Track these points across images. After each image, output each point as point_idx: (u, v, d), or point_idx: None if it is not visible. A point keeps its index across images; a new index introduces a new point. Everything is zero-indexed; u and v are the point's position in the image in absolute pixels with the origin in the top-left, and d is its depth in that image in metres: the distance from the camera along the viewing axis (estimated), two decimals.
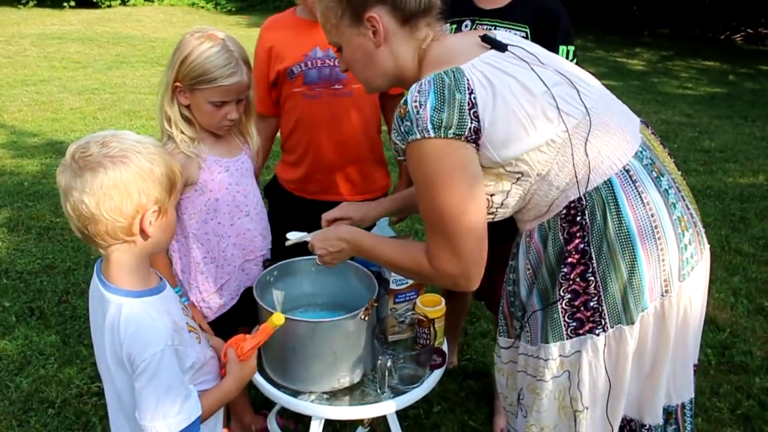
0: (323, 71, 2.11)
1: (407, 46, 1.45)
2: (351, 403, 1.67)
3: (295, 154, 2.25)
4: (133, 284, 1.30)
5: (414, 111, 1.32)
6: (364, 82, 1.58)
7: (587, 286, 1.38)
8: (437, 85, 1.33)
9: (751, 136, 6.68)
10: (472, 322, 3.07)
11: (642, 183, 1.39)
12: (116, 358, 1.29)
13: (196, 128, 1.82)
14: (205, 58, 1.73)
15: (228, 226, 1.89)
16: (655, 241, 1.37)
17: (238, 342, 1.46)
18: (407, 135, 1.34)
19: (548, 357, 1.43)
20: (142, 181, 1.23)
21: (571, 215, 1.38)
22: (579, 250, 1.38)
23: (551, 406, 1.46)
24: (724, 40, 14.04)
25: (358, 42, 1.46)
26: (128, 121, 6.31)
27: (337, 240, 1.62)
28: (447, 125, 1.30)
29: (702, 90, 9.17)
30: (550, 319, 1.41)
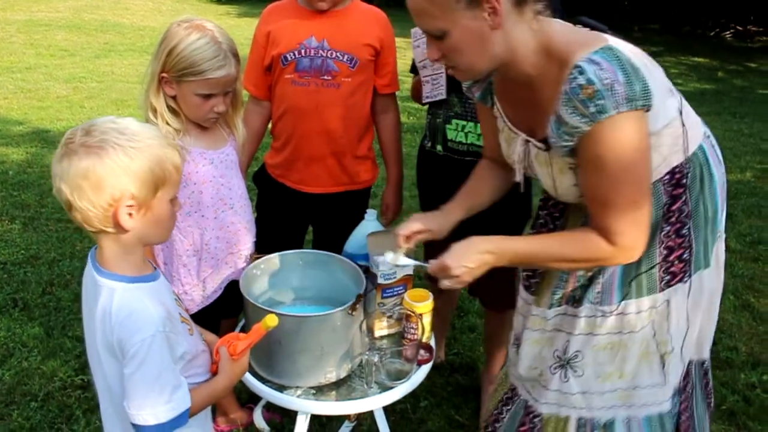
0: (315, 61, 2.11)
1: (519, 26, 1.38)
2: (338, 398, 1.66)
3: (280, 140, 2.27)
4: (126, 270, 1.30)
5: (606, 88, 1.30)
6: (465, 68, 1.45)
7: (682, 241, 1.52)
8: (617, 62, 1.32)
9: (739, 132, 6.71)
10: (460, 316, 3.07)
11: (716, 145, 1.61)
12: (107, 345, 1.28)
13: (181, 120, 1.80)
14: (193, 49, 1.71)
15: (211, 219, 1.87)
16: (724, 194, 1.59)
17: (231, 340, 1.45)
18: (599, 114, 1.31)
19: (640, 310, 1.53)
20: (114, 176, 1.21)
21: (675, 179, 1.50)
22: (679, 209, 1.51)
23: (636, 353, 1.56)
24: (713, 36, 14.09)
25: (471, 26, 1.35)
26: (116, 110, 6.24)
27: (478, 254, 1.47)
28: (638, 97, 1.32)
29: (691, 86, 9.20)
30: (647, 275, 1.52)
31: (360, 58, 2.12)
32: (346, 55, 2.10)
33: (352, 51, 2.11)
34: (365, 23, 2.15)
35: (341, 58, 2.10)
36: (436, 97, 2.13)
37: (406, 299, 1.79)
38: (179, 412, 1.28)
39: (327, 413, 1.70)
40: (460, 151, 2.12)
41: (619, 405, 1.62)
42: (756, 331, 3.13)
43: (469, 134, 2.09)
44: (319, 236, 2.42)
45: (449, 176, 2.18)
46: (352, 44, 2.11)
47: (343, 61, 2.11)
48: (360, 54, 2.12)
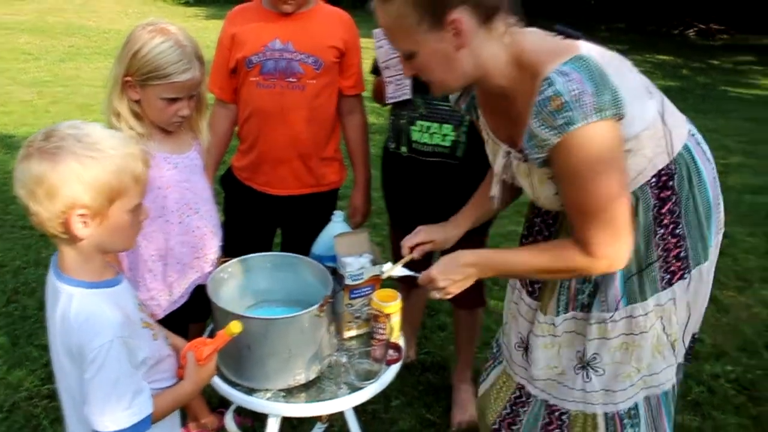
0: (280, 63, 2.11)
1: (488, 43, 1.39)
2: (307, 399, 1.66)
3: (246, 143, 2.26)
4: (85, 276, 1.29)
5: (574, 100, 1.30)
6: (438, 87, 1.49)
7: (678, 241, 1.53)
8: (585, 73, 1.32)
9: (702, 128, 6.67)
10: (430, 315, 3.08)
11: (702, 143, 1.60)
12: (67, 350, 1.28)
13: (145, 124, 1.79)
14: (158, 53, 1.69)
15: (176, 223, 1.86)
16: (717, 189, 1.59)
17: (198, 345, 1.44)
18: (567, 126, 1.31)
19: (647, 311, 1.56)
20: (66, 184, 1.20)
21: (662, 182, 1.50)
22: (670, 211, 1.51)
23: (649, 350, 1.61)
24: (677, 35, 14.36)
25: (436, 47, 1.38)
26: (81, 115, 6.15)
27: (462, 267, 1.54)
28: (607, 107, 1.31)
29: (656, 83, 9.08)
30: (648, 278, 1.54)
31: (325, 60, 2.12)
32: (310, 57, 2.10)
33: (316, 53, 2.11)
34: (329, 25, 2.16)
35: (306, 60, 2.10)
36: (400, 98, 2.14)
37: (374, 300, 1.80)
38: (140, 417, 1.28)
39: (297, 415, 1.70)
40: (425, 152, 2.13)
41: (638, 391, 1.67)
42: (720, 323, 3.20)
43: (434, 135, 2.10)
44: (288, 239, 2.41)
45: (414, 178, 2.20)
46: (317, 46, 2.11)
47: (308, 63, 2.11)
48: (325, 56, 2.12)
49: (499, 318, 3.06)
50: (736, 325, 3.17)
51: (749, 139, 6.57)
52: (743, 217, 4.50)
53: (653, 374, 1.66)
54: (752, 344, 3.01)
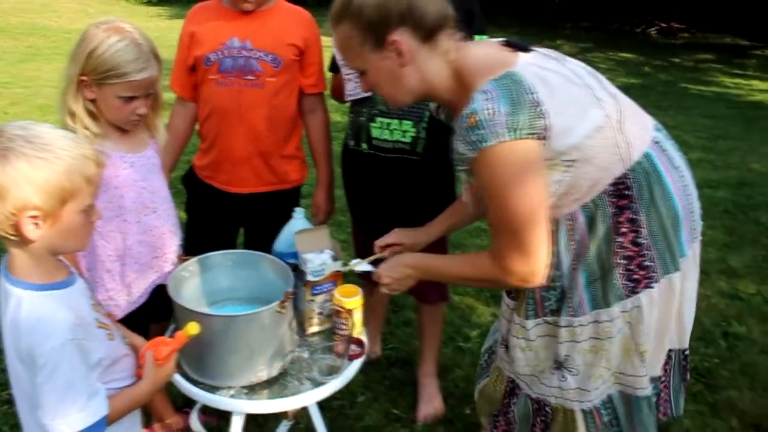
0: (238, 61, 2.10)
1: (432, 61, 1.49)
2: (270, 396, 1.66)
3: (207, 142, 2.26)
4: (35, 278, 1.28)
5: (488, 119, 1.35)
6: (390, 101, 1.60)
7: (640, 250, 1.52)
8: (504, 91, 1.37)
9: (664, 125, 6.76)
10: (395, 311, 3.10)
11: (668, 150, 1.57)
12: (18, 355, 1.26)
13: (101, 123, 1.77)
14: (114, 51, 1.68)
15: (134, 223, 1.85)
16: (687, 197, 1.57)
17: (157, 345, 1.44)
18: (480, 143, 1.37)
19: (612, 318, 1.57)
20: (16, 185, 1.18)
21: (619, 191, 1.50)
22: (629, 219, 1.51)
23: (618, 353, 1.62)
24: (640, 33, 14.60)
25: (382, 66, 1.49)
26: (42, 116, 6.04)
27: (402, 267, 1.69)
28: (522, 126, 1.35)
29: (619, 81, 9.51)
30: (609, 286, 1.54)
31: (284, 58, 2.12)
32: (269, 55, 2.10)
33: (275, 51, 2.11)
34: (289, 23, 2.16)
35: (265, 58, 2.10)
36: (360, 95, 2.14)
37: (335, 295, 1.81)
38: (95, 420, 1.27)
39: (260, 411, 1.70)
40: (385, 149, 2.15)
41: (611, 385, 1.70)
42: None
43: (394, 131, 2.12)
44: (251, 237, 2.41)
45: (375, 174, 2.21)
46: (276, 44, 2.11)
47: (267, 61, 2.11)
48: (284, 54, 2.12)
49: (462, 313, 3.11)
50: (696, 316, 3.22)
51: (708, 135, 6.71)
52: (702, 211, 4.60)
53: (625, 374, 1.67)
54: (710, 334, 3.09)
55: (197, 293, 1.84)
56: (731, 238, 4.18)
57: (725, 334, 3.10)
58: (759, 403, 2.59)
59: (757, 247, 4.07)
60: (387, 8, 1.44)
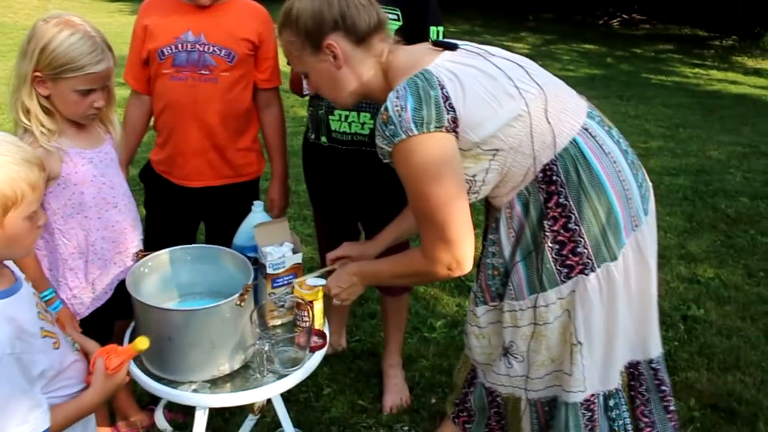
0: (192, 55, 2.09)
1: (366, 63, 1.62)
2: (233, 389, 1.66)
3: (162, 136, 2.25)
4: None
5: (396, 115, 1.47)
6: (333, 101, 1.75)
7: (572, 235, 1.57)
8: (412, 88, 1.48)
9: (626, 114, 7.10)
10: (360, 303, 3.11)
11: (600, 136, 1.61)
12: None
13: (56, 120, 1.75)
14: (68, 45, 1.66)
15: (95, 219, 1.83)
16: (621, 183, 1.59)
17: (109, 353, 1.41)
18: (393, 138, 1.48)
19: (548, 302, 1.62)
20: None
21: (547, 176, 1.56)
22: (559, 204, 1.56)
23: (558, 341, 1.65)
24: (602, 24, 14.81)
25: (321, 68, 1.63)
26: (0, 114, 5.92)
27: (347, 276, 1.78)
28: (428, 120, 1.46)
29: (582, 72, 9.65)
30: (543, 269, 1.60)
31: (238, 53, 2.11)
32: (223, 50, 2.09)
33: (229, 45, 2.10)
34: (243, 18, 2.15)
35: (218, 52, 2.09)
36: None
37: (296, 287, 1.81)
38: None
39: (223, 405, 1.70)
40: (345, 141, 2.15)
41: (557, 384, 1.72)
42: None
43: (353, 124, 2.12)
44: (211, 231, 2.40)
45: (335, 167, 2.22)
46: (230, 39, 2.10)
47: (221, 56, 2.10)
48: (238, 48, 2.11)
49: (426, 304, 3.13)
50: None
51: (669, 124, 6.84)
52: (662, 198, 4.70)
53: (563, 372, 1.68)
54: (669, 317, 3.16)
55: (157, 289, 1.83)
56: (690, 224, 4.28)
57: (684, 317, 3.17)
58: (716, 383, 2.66)
59: (715, 233, 4.17)
60: (321, 16, 1.57)
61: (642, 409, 1.76)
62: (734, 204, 4.62)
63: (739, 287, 3.48)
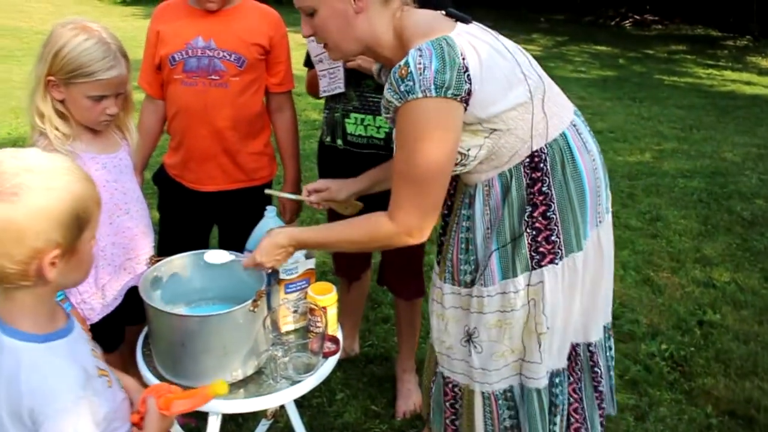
0: (202, 60, 2.10)
1: (383, 15, 1.56)
2: (246, 395, 1.65)
3: (175, 140, 2.25)
4: (36, 326, 1.13)
5: (417, 72, 1.43)
6: (333, 47, 1.62)
7: (548, 223, 1.59)
8: (438, 50, 1.45)
9: (639, 116, 7.05)
10: (373, 308, 3.11)
11: (584, 134, 1.68)
12: (14, 414, 1.10)
13: (71, 124, 1.75)
14: (81, 50, 1.67)
15: (106, 224, 1.83)
16: (595, 180, 1.66)
17: (160, 392, 1.34)
18: (407, 94, 1.44)
19: (517, 288, 1.62)
20: (36, 223, 1.05)
21: (534, 163, 1.58)
22: (542, 192, 1.59)
23: (520, 331, 1.66)
24: (614, 25, 14.74)
25: (338, 7, 1.54)
26: (15, 118, 5.98)
27: (273, 248, 1.69)
28: (448, 86, 1.43)
29: (595, 73, 9.59)
30: (517, 254, 1.61)
31: (248, 58, 2.11)
32: (233, 55, 2.09)
33: (239, 50, 2.10)
34: (253, 22, 2.15)
35: (228, 57, 2.09)
36: (334, 91, 2.14)
37: (309, 293, 1.80)
38: None
39: (236, 411, 1.69)
40: (360, 144, 2.15)
41: (514, 374, 1.74)
42: (655, 303, 3.31)
43: (369, 127, 2.12)
44: (225, 235, 2.39)
45: (351, 170, 2.20)
46: (240, 43, 2.10)
47: (231, 61, 2.10)
48: (248, 53, 2.11)
49: None
50: (670, 305, 3.29)
51: (682, 125, 6.79)
52: (676, 201, 4.66)
53: (528, 361, 1.70)
54: (685, 322, 3.13)
55: (170, 294, 1.83)
56: (705, 227, 4.24)
57: (700, 322, 3.14)
58: (733, 390, 2.63)
59: (731, 236, 4.12)
60: None
61: (573, 387, 1.80)
62: (750, 206, 4.57)
63: (756, 291, 3.45)
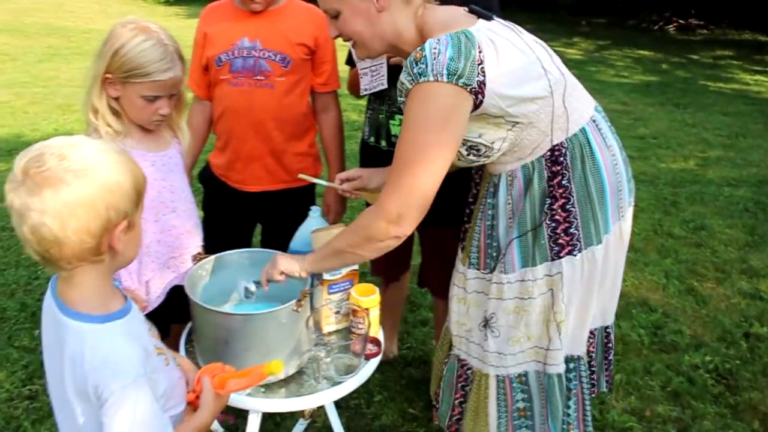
0: (248, 61, 2.11)
1: (404, 12, 1.61)
2: (287, 395, 1.66)
3: (221, 140, 2.27)
4: (97, 307, 1.18)
5: (431, 56, 1.46)
6: (360, 46, 1.67)
7: (568, 216, 1.63)
8: (454, 40, 1.48)
9: (682, 122, 6.91)
10: (412, 310, 3.10)
11: (604, 130, 1.71)
12: (80, 392, 1.15)
13: (123, 121, 1.78)
14: (139, 51, 1.69)
15: (152, 221, 1.85)
16: (616, 176, 1.69)
17: (214, 372, 1.37)
18: (419, 76, 1.47)
19: (536, 277, 1.66)
20: (109, 195, 1.11)
21: (554, 156, 1.62)
22: (561, 185, 1.62)
23: (538, 319, 1.70)
24: (657, 30, 14.48)
25: (360, 7, 1.59)
26: (61, 115, 6.11)
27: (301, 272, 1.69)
28: (461, 74, 1.45)
29: (637, 78, 9.43)
30: (537, 244, 1.65)
31: (293, 58, 2.12)
32: (278, 55, 2.10)
33: (284, 51, 2.11)
34: (299, 22, 2.15)
35: (273, 58, 2.10)
36: (376, 88, 2.14)
37: (352, 294, 1.80)
38: None
39: (277, 410, 1.70)
40: None
41: (529, 360, 1.77)
42: (699, 314, 3.24)
43: None
44: (267, 235, 2.41)
45: None
46: (285, 44, 2.11)
47: (276, 61, 2.11)
48: (293, 53, 2.12)
49: None
50: (715, 316, 3.21)
51: (728, 132, 6.63)
52: (722, 210, 4.56)
53: (544, 348, 1.73)
54: (731, 335, 3.05)
55: (214, 292, 1.84)
56: (752, 238, 4.14)
57: (746, 335, 3.06)
58: None
59: None
60: None
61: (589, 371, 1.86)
62: None
63: None
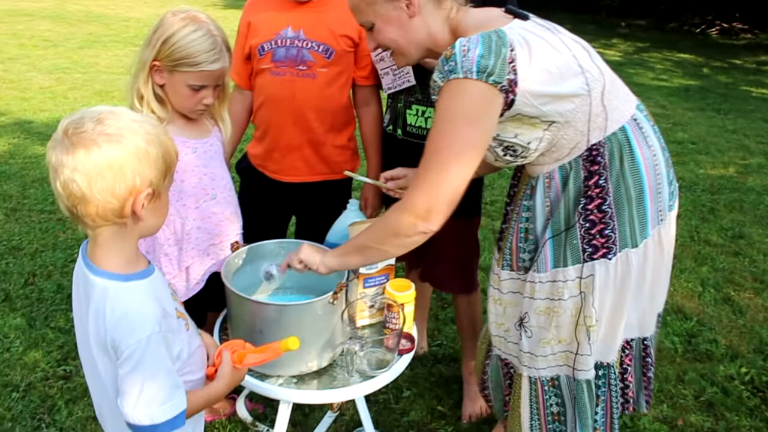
0: (290, 51, 2.11)
1: (436, 16, 1.63)
2: (319, 387, 1.66)
3: (260, 130, 2.28)
4: (120, 267, 1.24)
5: (461, 53, 1.46)
6: (398, 55, 1.70)
7: (603, 217, 1.60)
8: (485, 39, 1.48)
9: (723, 128, 6.76)
10: (443, 307, 3.08)
11: (645, 129, 1.66)
12: (101, 345, 1.23)
13: (167, 109, 1.80)
14: (189, 41, 1.71)
15: (193, 208, 1.86)
16: (656, 176, 1.64)
17: (235, 347, 1.43)
18: (449, 74, 1.47)
19: (567, 279, 1.63)
20: (137, 162, 1.17)
21: (592, 156, 1.59)
22: (598, 185, 1.59)
23: (568, 321, 1.67)
24: (699, 33, 14.21)
25: (393, 16, 1.62)
26: (100, 101, 6.21)
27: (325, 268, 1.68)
28: (490, 72, 1.44)
29: (676, 82, 9.26)
30: (569, 244, 1.62)
31: (336, 49, 2.11)
32: (321, 46, 2.10)
33: (327, 41, 2.10)
34: (344, 14, 2.12)
35: (316, 48, 2.10)
36: (403, 86, 2.14)
37: (387, 289, 1.80)
38: (176, 413, 1.25)
39: (308, 402, 1.70)
40: (419, 135, 2.14)
41: (561, 364, 1.74)
42: (735, 324, 3.17)
43: (429, 119, 2.11)
44: (302, 226, 2.41)
45: (407, 160, 2.18)
46: (329, 35, 2.11)
47: (319, 52, 2.10)
48: (336, 45, 2.11)
49: None
50: (752, 327, 3.14)
51: None
52: (762, 219, 4.46)
53: (579, 354, 1.70)
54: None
55: (250, 281, 1.85)
56: None
57: None
58: None
59: None
60: None
61: (629, 377, 1.84)
62: None
63: None
